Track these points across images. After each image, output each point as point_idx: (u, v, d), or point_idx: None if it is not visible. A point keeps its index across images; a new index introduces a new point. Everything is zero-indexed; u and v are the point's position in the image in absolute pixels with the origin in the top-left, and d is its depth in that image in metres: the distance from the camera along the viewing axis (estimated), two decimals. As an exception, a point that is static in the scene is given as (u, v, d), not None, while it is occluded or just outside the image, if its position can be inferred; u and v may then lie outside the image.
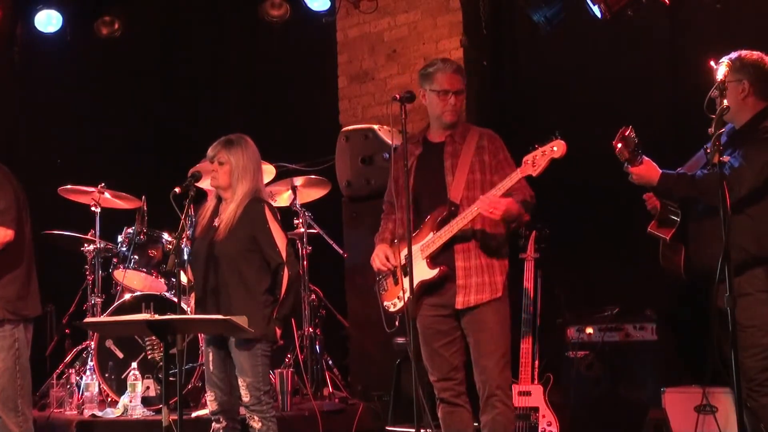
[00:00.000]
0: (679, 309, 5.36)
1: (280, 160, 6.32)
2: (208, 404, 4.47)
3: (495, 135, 4.21)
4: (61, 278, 6.51)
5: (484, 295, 4.00)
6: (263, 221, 4.38)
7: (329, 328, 6.28)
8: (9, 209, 4.39)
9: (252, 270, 4.35)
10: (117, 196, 6.21)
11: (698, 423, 4.43)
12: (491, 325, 4.01)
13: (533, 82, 6.38)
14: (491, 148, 4.11)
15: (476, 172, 4.07)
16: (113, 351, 5.62)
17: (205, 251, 4.39)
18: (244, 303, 4.29)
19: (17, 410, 4.39)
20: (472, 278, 4.01)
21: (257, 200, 4.42)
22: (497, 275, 4.04)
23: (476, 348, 4.04)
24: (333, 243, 6.23)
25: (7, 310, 4.40)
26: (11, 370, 4.38)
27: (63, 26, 7.45)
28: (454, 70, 4.17)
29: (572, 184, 5.94)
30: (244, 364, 4.28)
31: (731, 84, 3.74)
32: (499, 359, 4.00)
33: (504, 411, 4.00)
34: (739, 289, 3.58)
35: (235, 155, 4.42)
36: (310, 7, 7.11)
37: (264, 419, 4.31)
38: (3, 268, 4.43)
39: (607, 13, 5.44)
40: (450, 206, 4.02)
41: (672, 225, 3.93)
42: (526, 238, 5.15)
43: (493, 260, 4.05)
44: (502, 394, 4.00)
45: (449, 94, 4.12)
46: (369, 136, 6.02)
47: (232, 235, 4.33)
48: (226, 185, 4.44)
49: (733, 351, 3.18)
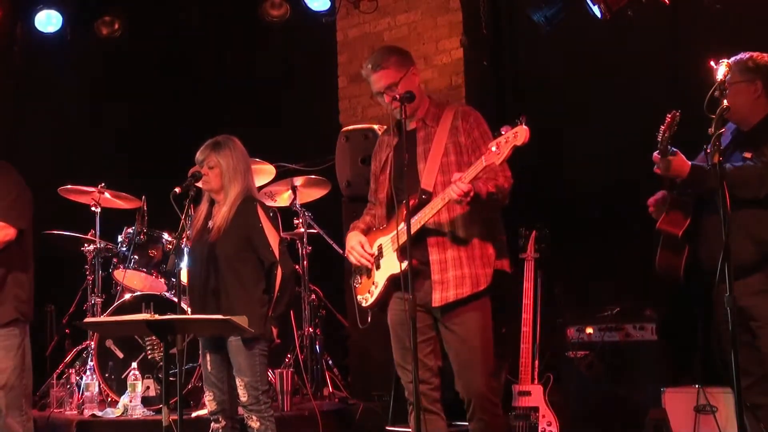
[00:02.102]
0: (679, 309, 5.36)
1: (280, 160, 6.32)
2: (207, 404, 4.47)
3: (469, 111, 3.91)
4: (61, 278, 6.51)
5: (464, 289, 3.70)
6: (256, 221, 4.38)
7: (329, 328, 6.28)
8: (14, 206, 4.39)
9: (248, 270, 4.36)
10: (117, 196, 6.21)
11: (698, 423, 4.43)
12: (474, 331, 3.75)
13: (533, 82, 6.38)
14: (465, 126, 3.81)
15: (451, 154, 3.79)
16: (113, 351, 5.62)
17: (201, 254, 4.40)
18: (244, 303, 4.29)
19: (21, 409, 4.41)
20: (449, 272, 3.72)
21: (250, 200, 4.43)
22: (478, 267, 3.74)
23: (458, 357, 3.79)
24: (333, 243, 6.23)
25: (19, 311, 4.42)
26: (19, 368, 4.39)
27: (63, 26, 7.45)
28: (374, 68, 3.85)
29: (572, 183, 5.95)
30: (242, 364, 4.29)
31: (743, 84, 3.75)
32: (484, 370, 3.76)
33: (492, 421, 3.80)
34: (760, 285, 3.61)
35: (225, 157, 4.43)
36: (310, 7, 7.11)
37: (262, 419, 4.31)
38: (18, 267, 4.44)
39: (607, 13, 5.44)
40: (421, 194, 3.74)
41: (683, 222, 3.88)
42: (526, 238, 5.14)
43: (473, 251, 3.74)
44: (489, 405, 3.80)
45: (381, 95, 3.88)
46: (369, 136, 6.01)
47: (227, 236, 4.34)
48: (218, 188, 4.45)
49: (733, 351, 3.18)
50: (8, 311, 4.38)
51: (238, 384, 4.32)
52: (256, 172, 6.21)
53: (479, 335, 3.78)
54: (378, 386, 5.83)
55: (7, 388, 4.35)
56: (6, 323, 4.37)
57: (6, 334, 4.38)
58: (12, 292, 4.40)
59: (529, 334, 4.94)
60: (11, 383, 4.36)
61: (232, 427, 4.45)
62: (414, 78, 3.92)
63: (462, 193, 3.54)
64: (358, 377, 6.13)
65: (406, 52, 4.04)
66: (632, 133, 5.73)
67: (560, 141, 6.09)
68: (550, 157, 6.10)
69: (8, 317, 4.38)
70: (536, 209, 5.83)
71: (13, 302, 4.39)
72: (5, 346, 4.36)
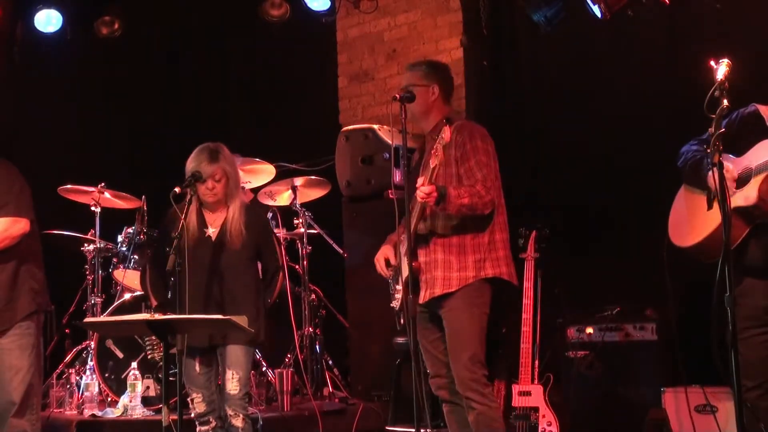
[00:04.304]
0: (679, 309, 5.35)
1: (280, 160, 6.33)
2: (195, 407, 4.39)
3: (465, 125, 4.15)
4: (60, 278, 6.48)
5: (435, 289, 4.01)
6: (269, 230, 4.49)
7: (329, 328, 6.28)
8: (20, 198, 4.37)
9: (251, 277, 4.42)
10: (117, 196, 6.21)
11: (698, 423, 4.43)
12: (455, 325, 4.01)
13: (533, 82, 6.38)
14: (458, 140, 4.00)
15: (446, 165, 3.99)
16: (113, 351, 5.61)
17: (202, 261, 4.34)
18: (253, 307, 4.32)
19: (33, 408, 4.40)
20: (430, 272, 4.04)
21: (252, 206, 4.47)
22: (453, 271, 4.00)
23: (447, 347, 4.06)
24: (333, 243, 6.23)
25: (36, 302, 4.42)
26: (34, 367, 4.39)
27: (63, 26, 7.44)
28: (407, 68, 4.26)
29: (572, 183, 5.94)
30: (240, 357, 4.29)
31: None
32: (466, 361, 3.96)
33: (483, 410, 3.97)
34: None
35: (229, 166, 4.40)
36: (310, 7, 7.11)
37: (246, 417, 4.33)
38: (30, 258, 4.43)
39: (607, 13, 5.44)
40: (414, 203, 4.02)
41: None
42: (526, 238, 5.14)
43: (449, 256, 4.01)
44: (475, 395, 3.97)
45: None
46: (369, 135, 6.01)
47: (237, 244, 4.34)
48: (223, 198, 4.41)
49: (734, 351, 3.17)
50: (27, 303, 4.37)
51: (230, 377, 4.29)
52: (256, 172, 6.25)
53: (460, 325, 4.00)
54: (378, 386, 5.84)
55: (23, 386, 4.33)
56: (25, 317, 4.36)
57: (22, 333, 4.36)
58: (27, 284, 4.38)
59: (529, 334, 4.94)
60: (27, 382, 4.35)
61: (221, 426, 4.41)
62: (431, 92, 4.15)
63: (424, 194, 3.79)
64: (358, 377, 6.14)
65: (437, 67, 4.30)
66: (632, 133, 5.73)
67: (560, 141, 6.09)
68: (549, 157, 6.10)
69: (28, 310, 4.37)
70: (536, 209, 5.83)
71: (30, 294, 4.38)
72: (21, 345, 4.35)
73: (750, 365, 3.59)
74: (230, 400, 4.31)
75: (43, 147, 7.42)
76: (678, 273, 4.06)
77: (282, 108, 7.55)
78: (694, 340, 4.48)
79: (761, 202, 3.57)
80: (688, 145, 3.94)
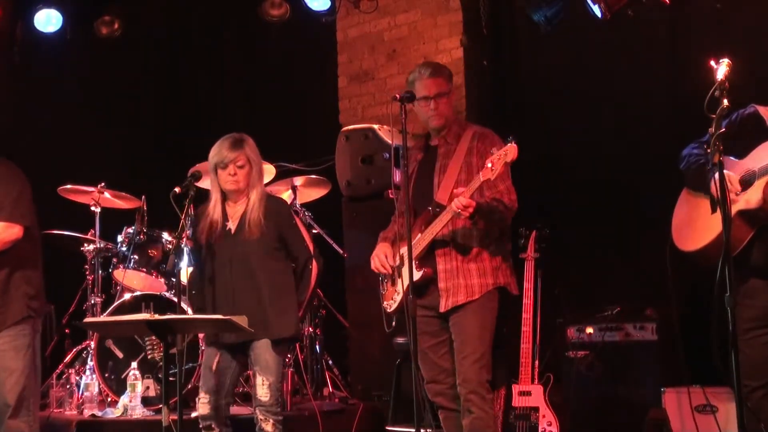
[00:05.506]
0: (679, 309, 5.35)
1: (280, 160, 6.32)
2: (200, 408, 4.31)
3: (487, 133, 4.22)
4: (60, 278, 6.48)
5: (458, 297, 4.04)
6: (290, 218, 4.41)
7: (329, 328, 6.27)
8: (17, 204, 4.36)
9: (281, 269, 4.34)
10: (117, 196, 6.21)
11: (698, 423, 4.43)
12: (468, 328, 4.04)
13: (533, 82, 6.38)
14: (480, 147, 4.10)
15: (464, 172, 4.09)
16: (113, 351, 5.61)
17: (228, 256, 4.30)
18: (282, 306, 4.26)
19: (29, 409, 4.40)
20: (452, 281, 4.06)
21: (274, 196, 4.41)
22: (474, 278, 4.06)
23: (456, 351, 4.08)
24: (333, 243, 6.23)
25: (30, 308, 4.41)
26: (29, 368, 4.39)
27: (63, 26, 7.44)
28: (431, 74, 4.18)
29: (572, 183, 5.94)
30: (270, 362, 4.22)
31: None
32: (473, 362, 4.01)
33: (480, 415, 4.00)
34: None
35: (252, 153, 4.35)
36: (310, 7, 7.10)
37: (277, 422, 4.25)
38: (26, 262, 4.43)
39: (607, 13, 5.44)
40: (435, 207, 4.06)
41: None
42: (526, 238, 5.14)
43: (469, 264, 4.07)
44: (477, 398, 4.00)
45: (429, 99, 4.15)
46: (369, 135, 6.02)
47: (260, 235, 4.27)
48: (245, 187, 4.33)
49: (734, 351, 3.17)
50: (19, 309, 4.37)
51: (260, 383, 4.22)
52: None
53: (474, 329, 4.05)
54: (378, 386, 5.83)
55: (17, 387, 4.33)
56: (17, 321, 4.36)
57: (16, 334, 4.36)
58: (21, 290, 4.38)
59: (529, 334, 4.94)
60: (21, 383, 4.35)
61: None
62: (453, 97, 4.28)
63: (461, 206, 3.83)
64: (358, 377, 6.13)
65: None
66: (632, 133, 5.74)
67: (560, 141, 6.09)
68: (550, 157, 6.10)
69: (19, 315, 4.36)
70: (536, 209, 5.82)
71: (23, 299, 4.38)
72: (15, 346, 4.35)
73: (754, 366, 3.59)
74: (261, 406, 4.25)
75: (43, 147, 7.42)
76: (679, 273, 4.06)
77: (282, 108, 7.55)
78: (694, 340, 4.47)
79: (765, 204, 3.57)
80: (690, 147, 3.93)
